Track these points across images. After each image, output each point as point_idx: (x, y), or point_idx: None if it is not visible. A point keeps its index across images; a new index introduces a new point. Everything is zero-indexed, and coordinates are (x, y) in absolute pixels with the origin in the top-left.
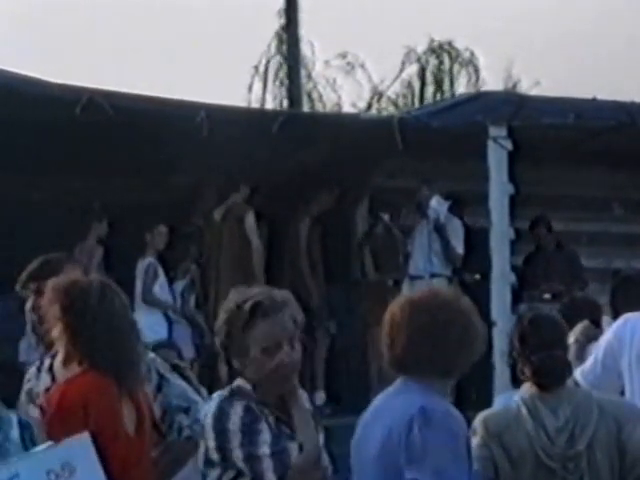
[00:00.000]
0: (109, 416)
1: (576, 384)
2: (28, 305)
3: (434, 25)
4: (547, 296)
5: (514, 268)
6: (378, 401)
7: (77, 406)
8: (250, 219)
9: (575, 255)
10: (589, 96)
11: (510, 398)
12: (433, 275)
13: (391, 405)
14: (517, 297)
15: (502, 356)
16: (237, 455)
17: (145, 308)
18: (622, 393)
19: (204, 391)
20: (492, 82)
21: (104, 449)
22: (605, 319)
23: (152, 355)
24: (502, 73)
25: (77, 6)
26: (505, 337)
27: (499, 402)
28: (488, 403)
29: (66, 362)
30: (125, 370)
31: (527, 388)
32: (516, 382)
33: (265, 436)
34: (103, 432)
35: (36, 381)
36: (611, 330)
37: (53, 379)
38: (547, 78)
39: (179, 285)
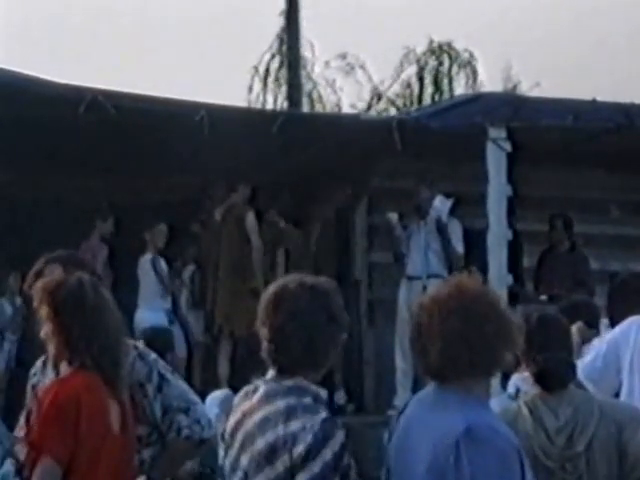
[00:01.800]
0: (99, 415)
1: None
2: (34, 303)
3: (433, 26)
4: (543, 297)
5: (511, 269)
6: (413, 415)
7: (70, 405)
8: (251, 219)
9: (585, 259)
10: (589, 97)
11: (503, 400)
12: (430, 276)
13: (431, 422)
14: (514, 298)
15: None
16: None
17: (148, 306)
18: (617, 395)
19: None
20: (491, 83)
21: (96, 448)
22: (604, 322)
23: (154, 356)
24: (501, 74)
25: (79, 6)
26: None
27: (493, 404)
28: None
29: (57, 361)
30: (111, 369)
31: (523, 378)
32: (505, 383)
33: None
34: (94, 431)
35: (41, 376)
36: (618, 327)
37: (58, 375)
38: (547, 79)
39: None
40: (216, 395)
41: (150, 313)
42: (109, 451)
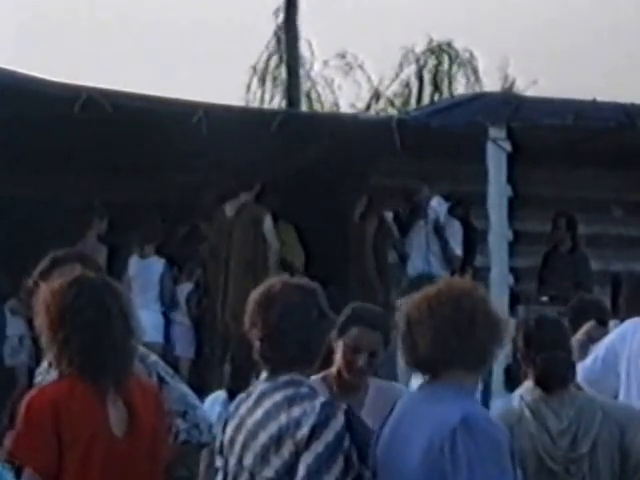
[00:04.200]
0: (85, 421)
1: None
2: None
3: (433, 25)
4: (545, 298)
5: (512, 269)
6: (404, 407)
7: (45, 413)
8: (268, 221)
9: (585, 259)
10: (588, 97)
11: (508, 402)
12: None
13: (425, 414)
14: (515, 299)
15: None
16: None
17: (145, 308)
18: (615, 397)
19: None
20: (491, 83)
21: (84, 454)
22: (612, 322)
23: (154, 358)
24: (499, 73)
25: (76, 5)
26: None
27: (496, 406)
28: (485, 406)
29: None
30: (106, 371)
31: (526, 388)
32: (508, 385)
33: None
34: (80, 437)
35: (46, 375)
36: (617, 330)
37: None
38: (544, 77)
39: (186, 287)
40: (218, 395)
41: (148, 313)
42: (104, 456)
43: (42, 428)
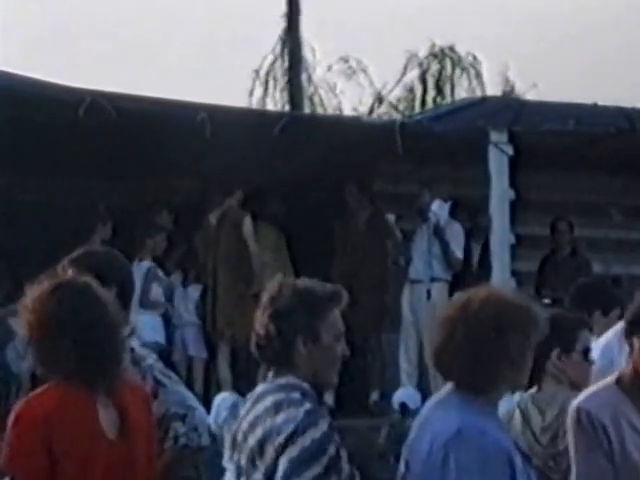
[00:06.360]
0: (80, 427)
1: None
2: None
3: (436, 30)
4: (547, 301)
5: (514, 273)
6: (427, 409)
7: (36, 421)
8: (247, 224)
9: (587, 262)
10: (588, 101)
11: (510, 403)
12: (433, 279)
13: (431, 421)
14: None
15: None
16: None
17: (144, 311)
18: None
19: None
20: (494, 87)
21: (83, 459)
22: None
23: (150, 361)
24: (500, 77)
25: (79, 8)
26: None
27: (501, 406)
28: None
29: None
30: (95, 374)
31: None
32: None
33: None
34: (75, 445)
35: None
36: (611, 331)
37: None
38: (546, 82)
39: (195, 289)
40: (226, 398)
41: (145, 317)
42: (103, 460)
43: (33, 439)
